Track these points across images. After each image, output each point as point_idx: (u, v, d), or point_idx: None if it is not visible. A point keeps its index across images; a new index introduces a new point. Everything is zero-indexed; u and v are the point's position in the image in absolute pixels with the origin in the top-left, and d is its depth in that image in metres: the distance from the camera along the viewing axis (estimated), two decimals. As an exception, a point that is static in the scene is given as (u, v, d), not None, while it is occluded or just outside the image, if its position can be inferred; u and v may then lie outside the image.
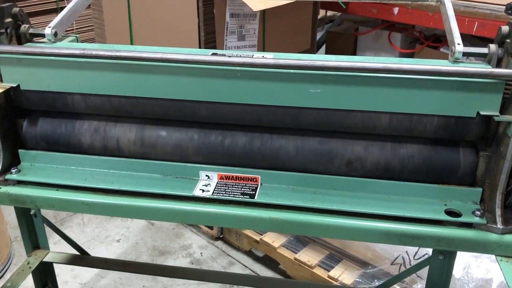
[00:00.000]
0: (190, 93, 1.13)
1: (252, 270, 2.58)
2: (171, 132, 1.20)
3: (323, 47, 3.32)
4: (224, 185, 1.17)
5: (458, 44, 1.05)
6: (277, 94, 1.09)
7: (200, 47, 2.21)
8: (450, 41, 1.09)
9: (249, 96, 1.11)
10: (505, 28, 1.03)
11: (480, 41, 2.43)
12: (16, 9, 1.21)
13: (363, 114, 1.09)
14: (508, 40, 1.02)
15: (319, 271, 2.27)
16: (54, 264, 1.96)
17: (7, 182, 1.20)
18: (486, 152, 1.08)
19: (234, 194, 1.14)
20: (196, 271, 2.25)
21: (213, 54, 1.11)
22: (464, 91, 1.02)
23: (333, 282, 2.21)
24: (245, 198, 1.13)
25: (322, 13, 3.45)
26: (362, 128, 1.11)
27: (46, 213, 2.03)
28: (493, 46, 1.05)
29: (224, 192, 1.14)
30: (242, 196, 1.13)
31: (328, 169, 1.15)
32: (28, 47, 1.16)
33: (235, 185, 1.17)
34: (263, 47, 2.40)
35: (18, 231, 1.97)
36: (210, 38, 2.21)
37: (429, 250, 1.98)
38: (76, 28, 3.67)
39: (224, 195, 1.14)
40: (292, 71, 1.06)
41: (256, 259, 2.66)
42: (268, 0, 2.13)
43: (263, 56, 1.07)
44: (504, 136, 1.02)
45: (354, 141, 1.14)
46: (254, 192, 1.14)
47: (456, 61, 1.06)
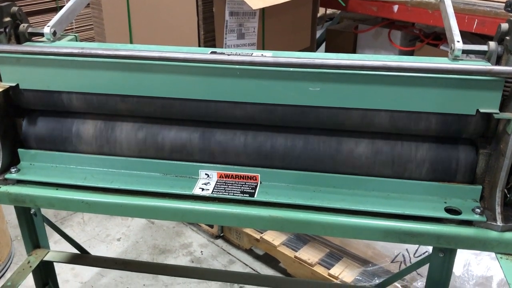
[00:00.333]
0: (189, 92, 1.13)
1: (252, 269, 2.59)
2: (170, 131, 1.20)
3: (323, 45, 3.31)
4: (224, 184, 1.17)
5: (458, 42, 1.05)
6: (276, 93, 1.09)
7: (199, 46, 2.20)
8: (449, 38, 1.09)
9: (248, 94, 1.10)
10: (504, 26, 1.02)
11: (480, 38, 2.43)
12: (15, 8, 1.20)
13: (362, 112, 1.09)
14: (507, 38, 1.02)
15: (320, 269, 2.27)
16: (55, 263, 1.96)
17: (6, 182, 1.20)
18: (486, 150, 1.07)
19: (234, 193, 1.14)
20: (196, 269, 2.25)
21: (212, 52, 1.11)
22: (463, 88, 1.02)
23: (334, 280, 2.21)
24: (244, 196, 1.13)
25: (321, 11, 3.44)
26: (362, 126, 1.11)
27: (47, 212, 2.03)
28: (492, 44, 1.04)
29: (224, 191, 1.14)
30: (242, 195, 1.13)
31: (328, 167, 1.15)
32: (27, 46, 1.16)
33: (234, 183, 1.17)
34: (262, 45, 2.40)
35: (18, 230, 1.97)
36: (209, 36, 2.21)
37: (429, 248, 1.98)
38: (75, 27, 3.67)
39: (224, 193, 1.14)
40: (291, 69, 1.05)
41: (257, 257, 2.66)
42: (267, -2, 2.12)
43: (262, 55, 1.07)
44: (503, 133, 1.01)
45: (354, 139, 1.14)
46: (253, 191, 1.14)
47: (455, 58, 1.05)
